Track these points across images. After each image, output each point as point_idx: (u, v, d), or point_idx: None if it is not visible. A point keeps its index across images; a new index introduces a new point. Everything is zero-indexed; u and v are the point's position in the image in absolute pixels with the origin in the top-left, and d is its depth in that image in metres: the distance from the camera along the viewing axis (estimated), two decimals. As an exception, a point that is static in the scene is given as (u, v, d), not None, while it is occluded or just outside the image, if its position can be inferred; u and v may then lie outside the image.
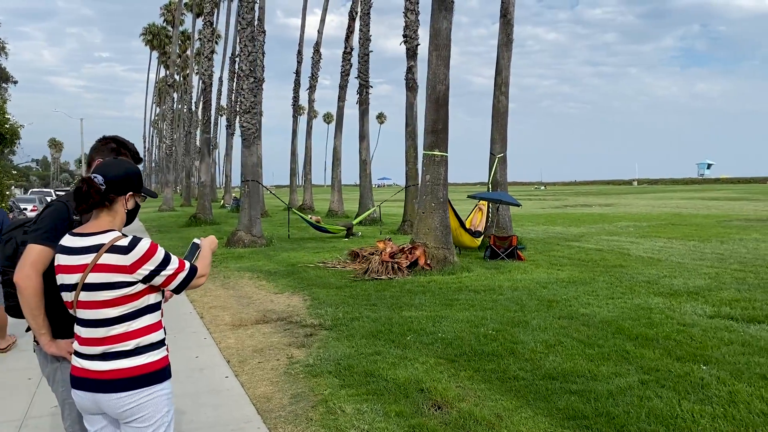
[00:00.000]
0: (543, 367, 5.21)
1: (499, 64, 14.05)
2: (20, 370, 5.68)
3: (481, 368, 5.24)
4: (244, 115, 16.42)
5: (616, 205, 33.38)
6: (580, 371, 5.06)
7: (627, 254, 12.95)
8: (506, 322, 6.79)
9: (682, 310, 7.37)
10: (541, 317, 7.04)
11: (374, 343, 6.12)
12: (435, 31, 10.91)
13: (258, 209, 16.32)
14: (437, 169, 10.99)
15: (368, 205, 23.11)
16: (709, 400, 4.37)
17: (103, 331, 2.32)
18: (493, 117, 14.14)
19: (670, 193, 51.58)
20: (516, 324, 6.72)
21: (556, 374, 5.01)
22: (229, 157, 45.13)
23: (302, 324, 7.18)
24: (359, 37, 23.38)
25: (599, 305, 7.70)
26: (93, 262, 2.28)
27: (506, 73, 13.99)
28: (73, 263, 2.32)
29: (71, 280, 2.33)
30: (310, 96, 33.28)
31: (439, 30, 10.87)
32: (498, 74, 14.06)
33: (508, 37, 13.94)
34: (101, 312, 2.31)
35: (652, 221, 21.57)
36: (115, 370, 2.33)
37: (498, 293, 8.58)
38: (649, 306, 7.60)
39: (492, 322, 6.84)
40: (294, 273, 11.04)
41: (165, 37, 70.80)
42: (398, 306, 7.86)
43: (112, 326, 2.32)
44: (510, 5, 13.86)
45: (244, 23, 16.31)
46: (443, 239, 10.86)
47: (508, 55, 13.99)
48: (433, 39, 10.95)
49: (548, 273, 10.41)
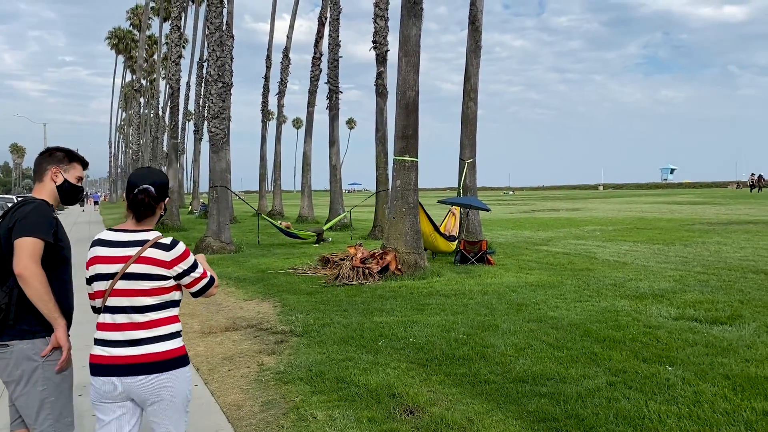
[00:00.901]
0: (513, 370, 5.26)
1: (468, 71, 14.19)
2: None
3: (453, 372, 5.26)
4: (213, 120, 16.25)
5: (583, 210, 33.93)
6: (550, 374, 5.12)
7: (594, 258, 13.17)
8: (477, 326, 6.84)
9: (648, 312, 7.51)
10: (510, 321, 7.11)
11: (346, 349, 6.10)
12: (404, 38, 10.97)
13: (227, 215, 16.16)
14: (408, 174, 11.04)
15: (339, 210, 23.06)
16: (675, 401, 4.46)
17: (140, 317, 2.59)
18: (462, 123, 14.27)
19: (635, 197, 52.60)
20: (486, 328, 6.77)
21: (526, 377, 5.06)
22: (197, 162, 44.62)
23: (272, 331, 7.12)
24: (329, 43, 23.38)
25: (567, 308, 7.81)
26: (137, 254, 2.58)
27: (475, 80, 14.14)
28: (114, 254, 2.60)
29: (111, 270, 2.59)
30: (279, 101, 33.13)
31: (408, 36, 10.93)
32: (467, 81, 14.20)
33: (477, 44, 14.09)
34: (138, 300, 2.59)
35: (617, 225, 21.99)
36: (150, 354, 2.56)
37: (468, 297, 8.64)
38: (616, 309, 7.74)
39: (463, 326, 6.88)
40: (264, 279, 10.95)
41: (131, 41, 69.72)
42: (369, 311, 7.85)
43: (147, 313, 2.60)
44: (478, 12, 14.02)
45: (213, 28, 16.17)
46: (414, 244, 10.90)
47: (477, 62, 14.14)
48: (402, 45, 11.01)
49: (517, 277, 10.52)
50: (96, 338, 2.63)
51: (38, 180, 2.98)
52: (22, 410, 2.81)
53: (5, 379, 2.78)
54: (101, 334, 2.62)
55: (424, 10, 11.08)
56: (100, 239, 2.67)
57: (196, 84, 40.67)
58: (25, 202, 2.87)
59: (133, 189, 2.66)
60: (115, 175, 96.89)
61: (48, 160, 2.99)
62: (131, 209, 2.67)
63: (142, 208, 2.65)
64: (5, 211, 2.87)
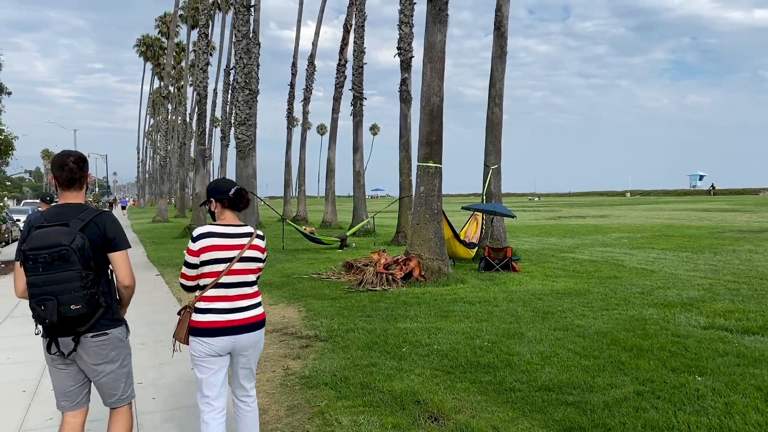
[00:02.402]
0: (539, 378, 5.22)
1: (493, 77, 14.15)
2: (13, 383, 5.65)
3: (478, 380, 5.24)
4: (240, 127, 16.44)
5: (610, 217, 33.50)
6: (576, 382, 5.07)
7: (621, 265, 13.00)
8: (502, 334, 6.80)
9: (677, 321, 7.40)
10: (536, 329, 7.06)
11: (370, 355, 6.11)
12: (429, 44, 10.99)
13: (253, 220, 16.31)
14: (431, 180, 11.03)
15: (362, 216, 23.12)
16: (705, 412, 4.38)
17: (249, 289, 3.45)
18: (487, 129, 14.22)
19: (662, 204, 51.79)
20: (512, 336, 6.73)
21: (552, 386, 5.02)
22: (223, 168, 45.07)
23: (298, 335, 7.16)
24: (353, 50, 23.51)
25: (594, 316, 7.72)
26: (249, 242, 3.42)
27: (500, 85, 14.09)
28: (231, 243, 3.38)
29: (229, 255, 3.36)
30: (305, 108, 33.37)
31: (433, 43, 10.95)
32: (492, 86, 14.15)
33: (502, 49, 14.05)
34: (247, 276, 3.44)
35: (645, 232, 21.67)
36: (260, 314, 3.50)
37: (493, 305, 8.59)
38: (643, 317, 7.63)
39: (488, 333, 6.85)
40: (289, 284, 11.02)
41: (159, 48, 70.87)
42: (393, 317, 7.86)
43: (252, 286, 3.48)
44: (504, 18, 13.99)
45: (239, 35, 16.38)
46: (438, 250, 10.87)
47: (502, 67, 14.09)
48: (427, 51, 11.03)
49: (543, 284, 10.43)
50: (207, 308, 3.36)
51: (80, 187, 3.25)
52: (108, 385, 3.29)
53: (100, 361, 3.20)
54: (219, 305, 3.36)
55: (449, 16, 11.09)
56: (215, 232, 3.39)
57: (223, 91, 41.18)
58: (102, 212, 3.25)
59: (226, 193, 3.44)
60: (142, 180, 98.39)
61: (85, 167, 3.27)
62: (231, 207, 3.47)
63: (246, 203, 3.52)
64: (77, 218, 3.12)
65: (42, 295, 2.97)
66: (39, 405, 5.02)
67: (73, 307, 2.99)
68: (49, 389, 5.38)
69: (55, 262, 2.96)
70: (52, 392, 5.20)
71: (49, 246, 2.97)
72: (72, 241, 2.99)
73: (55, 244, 2.97)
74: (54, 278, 2.97)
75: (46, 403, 5.02)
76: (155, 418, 4.69)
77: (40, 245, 2.97)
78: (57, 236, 3.00)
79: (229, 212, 3.47)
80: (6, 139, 15.73)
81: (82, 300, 3.01)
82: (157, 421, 4.63)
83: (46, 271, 2.96)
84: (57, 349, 3.15)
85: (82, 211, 3.15)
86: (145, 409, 4.86)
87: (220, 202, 3.45)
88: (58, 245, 2.97)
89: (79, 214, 3.12)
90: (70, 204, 3.19)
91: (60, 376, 3.27)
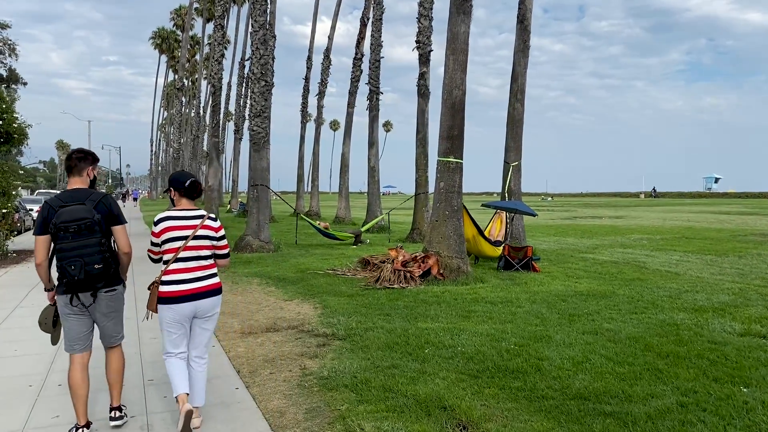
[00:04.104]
0: (573, 385, 4.91)
1: (515, 71, 13.79)
2: (20, 376, 5.42)
3: (507, 386, 4.94)
4: (255, 119, 16.18)
5: (627, 218, 32.99)
6: (613, 391, 4.76)
7: (644, 267, 12.64)
8: (528, 337, 6.50)
9: (710, 327, 7.05)
10: (564, 332, 6.74)
11: (391, 356, 5.83)
12: (452, 35, 10.66)
13: (267, 214, 16.07)
14: (452, 176, 10.71)
15: (376, 212, 22.83)
16: (758, 427, 4.06)
17: (204, 261, 4.11)
18: (508, 125, 13.87)
19: (678, 206, 51.07)
20: (539, 339, 6.43)
21: (587, 394, 4.71)
22: (236, 161, 44.98)
23: (314, 333, 6.89)
24: (371, 43, 23.19)
25: (623, 320, 7.39)
26: (201, 223, 4.07)
27: (522, 80, 13.73)
28: (185, 224, 4.04)
29: (184, 234, 4.01)
30: (319, 102, 33.10)
31: (456, 34, 10.62)
32: (514, 81, 13.80)
33: (525, 43, 13.69)
34: (202, 252, 4.08)
35: (664, 234, 21.22)
36: (216, 283, 4.16)
37: (516, 305, 8.28)
38: (675, 322, 7.29)
39: (513, 336, 6.54)
40: (303, 280, 10.77)
41: (174, 41, 70.90)
42: (413, 316, 7.57)
43: (208, 260, 4.13)
44: (527, 11, 13.62)
45: (257, 26, 16.11)
46: (457, 248, 10.57)
47: (525, 62, 13.73)
48: (450, 43, 10.70)
49: (566, 285, 10.10)
50: (170, 280, 4.00)
51: (78, 174, 4.09)
52: (109, 329, 4.14)
53: (109, 311, 4.08)
54: (180, 276, 4.01)
55: (472, 6, 10.76)
56: (171, 216, 4.05)
57: (237, 84, 41.00)
58: (106, 194, 4.12)
59: (183, 183, 4.10)
60: (155, 172, 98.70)
61: (85, 161, 4.11)
62: (187, 196, 4.12)
63: (199, 192, 4.16)
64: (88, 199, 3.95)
65: (72, 258, 3.80)
66: (45, 401, 4.78)
67: (96, 266, 3.85)
68: (56, 384, 5.16)
69: (83, 231, 3.82)
70: (59, 387, 5.00)
71: (78, 219, 3.82)
72: (93, 216, 3.87)
73: (82, 217, 3.83)
74: (81, 244, 3.82)
75: (53, 399, 4.79)
76: (165, 418, 4.44)
77: (70, 218, 3.81)
78: (82, 212, 3.84)
79: (185, 200, 4.14)
80: (19, 127, 15.56)
81: (102, 261, 3.88)
82: (168, 422, 4.37)
83: (75, 239, 3.81)
84: (78, 302, 3.96)
85: (91, 194, 4.01)
86: (154, 409, 4.61)
87: (178, 191, 4.13)
88: (84, 218, 3.83)
89: (89, 196, 3.98)
90: (79, 188, 4.03)
91: (75, 324, 4.03)
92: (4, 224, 15.10)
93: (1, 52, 53.86)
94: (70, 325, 4.01)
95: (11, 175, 16.94)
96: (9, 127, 15.22)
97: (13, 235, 16.18)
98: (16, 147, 16.92)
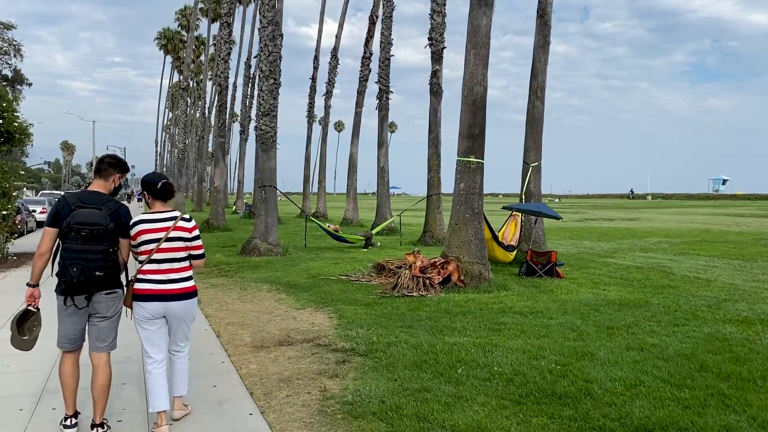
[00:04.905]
0: (632, 414, 4.33)
1: (535, 68, 13.21)
2: (10, 397, 4.86)
3: (556, 414, 4.37)
4: (263, 118, 15.64)
5: (639, 220, 32.33)
6: (681, 422, 4.18)
7: (670, 273, 12.04)
8: (569, 354, 5.92)
9: (765, 341, 6.46)
10: (606, 348, 6.16)
11: (420, 376, 5.26)
12: (473, 28, 10.09)
13: (275, 216, 15.51)
14: (473, 177, 10.14)
15: (385, 213, 22.26)
16: None
17: (178, 264, 4.10)
18: (527, 123, 13.29)
19: (689, 208, 50.37)
20: (581, 356, 5.84)
21: (651, 425, 4.13)
22: (242, 162, 44.49)
23: (332, 348, 6.33)
24: (381, 41, 22.62)
25: (666, 334, 6.80)
26: (174, 224, 4.06)
27: (542, 77, 13.15)
28: (158, 227, 4.04)
29: (157, 236, 4.02)
30: (327, 102, 32.56)
31: (478, 27, 10.05)
32: (533, 78, 13.21)
33: (545, 38, 13.11)
34: (176, 254, 4.09)
35: (683, 237, 20.59)
36: (188, 287, 4.14)
37: (547, 317, 7.69)
38: (723, 336, 6.70)
39: (552, 352, 5.96)
40: (315, 286, 10.20)
41: (179, 41, 70.53)
42: (438, 329, 6.99)
43: (182, 262, 4.12)
44: (548, 5, 13.04)
45: (265, 21, 15.58)
46: (478, 253, 9.99)
47: (545, 58, 13.15)
48: (471, 37, 10.13)
49: (594, 293, 9.51)
50: (143, 279, 4.04)
51: (104, 178, 4.10)
52: (103, 332, 4.05)
53: (108, 314, 4.03)
54: (154, 276, 4.04)
55: (494, 0, 10.18)
56: (144, 219, 4.06)
57: (243, 84, 40.57)
58: (122, 204, 4.09)
59: (154, 185, 4.13)
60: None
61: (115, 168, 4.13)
62: (159, 198, 4.16)
63: (171, 194, 4.17)
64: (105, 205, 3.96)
65: (75, 260, 3.77)
66: (37, 428, 4.22)
67: (97, 273, 3.82)
68: (50, 408, 4.60)
69: (93, 237, 3.81)
70: (53, 411, 4.44)
71: (92, 224, 3.81)
72: (108, 224, 3.87)
73: (96, 223, 3.83)
74: (88, 249, 3.80)
75: (46, 426, 4.23)
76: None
77: (84, 221, 3.80)
78: (97, 217, 3.85)
79: (158, 202, 4.18)
80: (20, 126, 15.05)
81: (104, 269, 3.85)
82: None
83: (84, 242, 3.80)
84: (72, 303, 3.92)
85: (109, 201, 4.03)
86: None
87: (151, 193, 4.17)
88: (99, 224, 3.83)
89: (107, 202, 3.99)
90: (100, 192, 4.05)
91: (69, 323, 3.97)
92: (4, 226, 14.59)
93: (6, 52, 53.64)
94: (64, 324, 3.99)
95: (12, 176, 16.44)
96: (9, 126, 14.71)
97: (13, 237, 15.65)
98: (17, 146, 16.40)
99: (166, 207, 4.19)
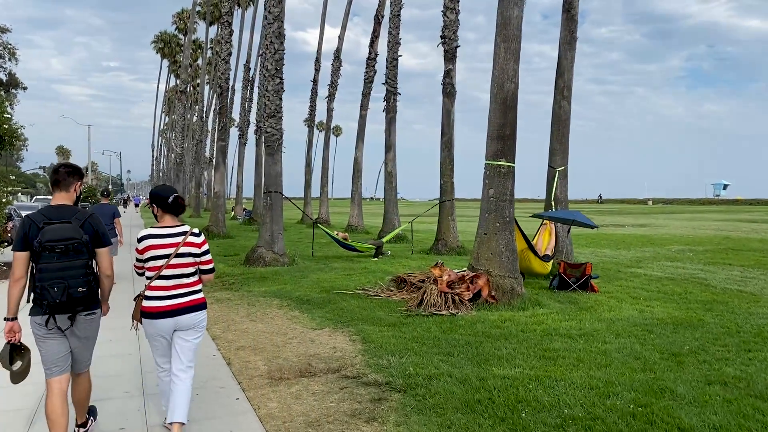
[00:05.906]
0: (759, 481, 3.46)
1: (561, 66, 12.38)
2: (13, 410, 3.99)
3: (663, 479, 3.49)
4: (269, 120, 14.75)
5: (651, 226, 31.48)
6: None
7: (708, 285, 11.19)
8: (643, 390, 5.04)
9: None
10: (682, 381, 5.29)
11: (477, 422, 4.38)
12: (504, 20, 9.25)
13: (280, 224, 14.62)
14: (503, 182, 9.28)
15: (393, 220, 21.36)
16: None
17: (186, 279, 4.10)
18: (552, 124, 12.45)
19: (695, 213, 49.57)
20: (659, 393, 4.97)
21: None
22: (241, 167, 43.61)
23: (362, 380, 5.45)
24: (388, 41, 21.77)
25: (743, 362, 5.95)
26: (183, 240, 4.05)
27: (569, 75, 12.31)
28: (168, 242, 4.02)
29: (166, 252, 4.00)
30: (329, 105, 31.69)
31: (508, 19, 9.21)
32: (559, 76, 12.38)
33: (572, 34, 12.28)
34: (185, 269, 4.08)
35: (705, 245, 19.75)
36: (197, 299, 4.16)
37: (600, 341, 6.81)
38: (809, 365, 5.84)
39: (624, 388, 5.09)
40: (330, 302, 9.30)
41: (176, 45, 69.77)
42: (482, 358, 6.11)
43: (191, 277, 4.13)
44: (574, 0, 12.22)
45: (271, 18, 14.72)
46: (510, 266, 9.12)
47: (572, 55, 12.32)
48: (501, 29, 9.29)
49: (639, 310, 8.65)
50: (151, 296, 4.00)
51: (65, 189, 3.84)
52: (83, 353, 3.93)
53: (85, 335, 3.87)
54: (163, 293, 4.00)
55: None
56: (153, 234, 4.02)
57: (243, 88, 39.69)
58: (92, 213, 3.89)
59: (165, 199, 4.06)
60: (157, 178, 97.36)
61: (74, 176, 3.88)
62: (170, 212, 4.09)
63: (182, 208, 4.15)
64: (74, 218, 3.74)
65: (54, 279, 3.57)
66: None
67: (80, 289, 3.65)
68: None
69: (70, 252, 3.62)
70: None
71: (65, 239, 3.61)
72: (82, 236, 3.68)
73: (69, 237, 3.63)
74: (66, 265, 3.61)
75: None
76: None
77: (56, 238, 3.59)
78: (69, 231, 3.65)
79: (168, 216, 4.08)
80: (11, 128, 14.17)
81: (86, 284, 3.69)
82: None
83: (60, 259, 3.59)
84: (55, 325, 3.69)
85: (77, 212, 3.79)
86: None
87: (161, 207, 4.05)
88: (72, 239, 3.64)
89: (75, 214, 3.76)
90: (65, 205, 3.79)
91: (51, 346, 3.75)
92: (-7, 235, 13.69)
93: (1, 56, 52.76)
94: (47, 348, 3.77)
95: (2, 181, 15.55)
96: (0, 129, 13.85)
97: (2, 246, 14.73)
98: (7, 150, 15.51)
99: (175, 221, 4.09)
